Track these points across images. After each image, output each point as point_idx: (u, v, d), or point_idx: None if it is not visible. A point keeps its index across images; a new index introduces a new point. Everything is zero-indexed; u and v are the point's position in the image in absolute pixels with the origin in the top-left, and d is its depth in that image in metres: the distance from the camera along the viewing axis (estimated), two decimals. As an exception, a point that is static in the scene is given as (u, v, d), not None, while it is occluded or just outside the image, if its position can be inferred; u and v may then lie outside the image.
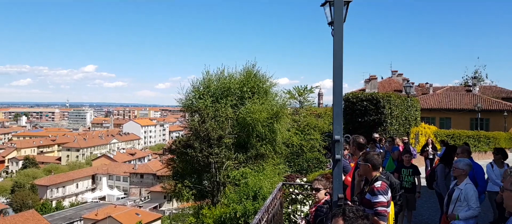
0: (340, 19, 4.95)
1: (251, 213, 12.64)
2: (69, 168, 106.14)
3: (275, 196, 7.88)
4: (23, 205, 72.36)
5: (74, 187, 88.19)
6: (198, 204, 21.27)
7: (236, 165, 20.10)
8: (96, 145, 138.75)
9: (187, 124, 23.59)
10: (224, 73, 22.47)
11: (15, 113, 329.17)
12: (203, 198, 21.07)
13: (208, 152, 19.78)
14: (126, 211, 61.64)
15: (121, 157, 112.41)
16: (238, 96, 21.69)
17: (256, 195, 13.78)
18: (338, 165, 4.96)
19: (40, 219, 57.19)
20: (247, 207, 13.07)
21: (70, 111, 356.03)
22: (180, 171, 21.80)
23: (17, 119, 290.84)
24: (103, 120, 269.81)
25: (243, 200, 13.74)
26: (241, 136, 20.79)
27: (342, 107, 6.05)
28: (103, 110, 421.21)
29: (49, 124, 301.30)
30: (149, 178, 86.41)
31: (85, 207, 75.15)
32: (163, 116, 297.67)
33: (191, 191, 20.54)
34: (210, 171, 20.33)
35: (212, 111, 20.67)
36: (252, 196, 13.83)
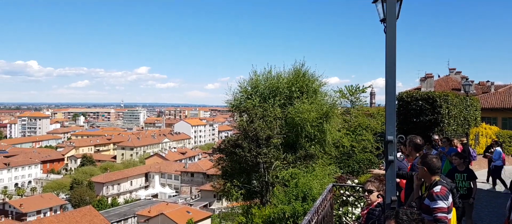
0: (393, 16, 4.82)
1: (300, 214, 12.60)
2: (123, 166, 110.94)
3: (325, 197, 7.79)
4: (81, 201, 76.66)
5: (128, 185, 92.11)
6: (247, 203, 21.48)
7: (284, 166, 20.09)
8: (149, 144, 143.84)
9: (235, 124, 23.91)
10: (271, 73, 22.54)
11: (73, 113, 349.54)
12: (252, 198, 21.25)
13: (257, 152, 19.91)
14: (177, 209, 63.46)
15: (172, 156, 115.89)
16: (286, 95, 21.66)
17: (305, 196, 13.72)
18: (391, 166, 4.83)
19: (96, 215, 60.34)
20: (296, 208, 13.05)
21: (125, 111, 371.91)
22: (229, 170, 22.14)
23: (76, 119, 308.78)
24: (156, 120, 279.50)
25: (292, 201, 13.72)
26: (289, 136, 20.75)
27: (396, 107, 5.87)
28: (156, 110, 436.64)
29: (105, 123, 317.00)
30: (199, 176, 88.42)
31: (139, 204, 78.17)
32: (213, 116, 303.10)
33: (240, 190, 20.79)
34: (258, 171, 20.47)
35: (260, 111, 20.79)
36: (302, 197, 13.78)
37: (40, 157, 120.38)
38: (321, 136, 20.87)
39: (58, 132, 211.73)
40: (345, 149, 23.81)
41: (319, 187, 14.31)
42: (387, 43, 4.80)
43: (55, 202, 76.38)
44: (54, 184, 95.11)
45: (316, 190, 13.73)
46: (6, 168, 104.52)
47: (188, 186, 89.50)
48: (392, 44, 4.78)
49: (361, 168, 23.64)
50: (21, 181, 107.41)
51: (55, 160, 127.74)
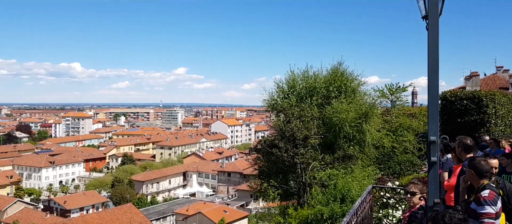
0: (436, 12, 4.70)
1: (338, 216, 12.48)
2: (162, 165, 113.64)
3: (364, 199, 7.70)
4: (122, 199, 79.24)
5: (167, 183, 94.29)
6: (284, 204, 21.48)
7: (322, 166, 19.93)
8: (186, 144, 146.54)
9: (272, 124, 23.97)
10: (309, 73, 22.41)
11: (115, 113, 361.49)
12: (289, 198, 21.23)
13: (294, 152, 19.88)
14: (215, 208, 64.32)
15: (209, 155, 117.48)
16: (324, 95, 21.47)
17: (344, 198, 13.57)
18: (434, 168, 4.72)
19: (136, 213, 62.19)
20: (334, 210, 12.93)
21: (163, 112, 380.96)
22: (265, 170, 22.21)
23: (117, 119, 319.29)
24: (193, 120, 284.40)
25: (330, 202, 13.61)
26: (327, 137, 20.57)
27: (439, 106, 5.72)
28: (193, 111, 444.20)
29: (145, 123, 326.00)
30: (236, 176, 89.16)
31: (177, 202, 79.84)
32: (249, 116, 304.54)
33: (277, 190, 20.82)
34: (295, 171, 20.42)
35: (297, 111, 20.73)
36: (340, 198, 13.64)
37: (83, 156, 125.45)
38: (360, 137, 20.54)
39: (100, 132, 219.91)
40: (385, 150, 23.29)
41: (358, 189, 14.11)
42: (429, 41, 4.69)
43: (97, 199, 79.34)
44: (96, 182, 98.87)
45: (355, 192, 13.55)
46: (51, 166, 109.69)
47: (225, 186, 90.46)
48: (435, 42, 4.67)
49: (402, 170, 23.06)
50: (65, 178, 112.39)
51: (97, 158, 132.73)
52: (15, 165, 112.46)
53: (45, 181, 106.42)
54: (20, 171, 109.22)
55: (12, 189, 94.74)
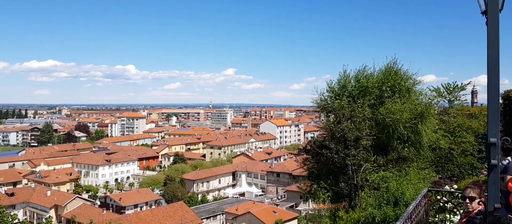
0: (496, 7, 4.51)
1: (391, 219, 12.20)
2: (212, 164, 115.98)
3: (419, 202, 7.50)
4: (174, 197, 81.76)
5: (216, 183, 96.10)
6: (334, 206, 21.24)
7: (375, 168, 19.50)
8: (235, 144, 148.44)
9: (322, 125, 23.77)
10: (362, 72, 21.99)
11: (166, 114, 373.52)
12: (340, 201, 20.96)
13: (345, 153, 19.60)
14: (264, 208, 64.73)
15: (258, 155, 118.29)
16: (377, 95, 20.99)
17: (397, 201, 13.23)
18: (494, 171, 4.53)
19: (187, 211, 63.98)
20: (387, 213, 12.65)
21: (213, 112, 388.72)
22: (315, 171, 22.06)
23: (169, 119, 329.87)
24: (242, 120, 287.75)
25: (382, 205, 13.32)
26: (380, 138, 20.09)
27: (500, 106, 5.47)
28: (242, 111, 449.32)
29: (195, 123, 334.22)
30: (285, 177, 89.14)
31: (227, 202, 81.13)
32: (298, 116, 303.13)
33: (327, 192, 20.62)
34: (346, 173, 20.13)
35: (348, 112, 20.44)
36: (393, 202, 13.31)
37: (137, 155, 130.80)
38: (416, 138, 19.88)
39: (153, 131, 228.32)
40: (442, 152, 22.37)
41: (413, 192, 13.69)
42: (489, 37, 4.52)
43: (150, 197, 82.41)
44: (149, 180, 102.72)
45: (410, 195, 13.16)
46: (107, 164, 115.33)
47: (274, 186, 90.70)
48: (495, 38, 4.49)
49: (461, 173, 22.04)
50: (121, 176, 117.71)
51: (150, 157, 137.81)
52: (74, 163, 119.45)
53: (101, 179, 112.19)
54: (78, 168, 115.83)
55: (72, 186, 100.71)
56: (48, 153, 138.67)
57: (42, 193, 76.05)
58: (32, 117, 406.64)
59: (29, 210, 74.31)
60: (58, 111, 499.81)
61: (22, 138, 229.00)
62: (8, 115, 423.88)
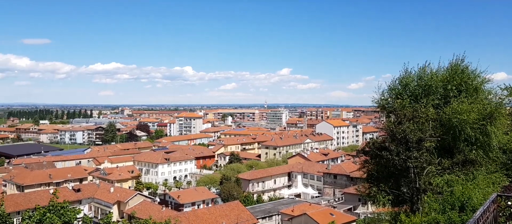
0: None
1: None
2: (267, 164, 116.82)
3: (487, 208, 7.26)
4: (230, 196, 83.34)
5: (272, 183, 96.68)
6: (395, 210, 20.76)
7: (439, 171, 18.82)
8: (291, 144, 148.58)
9: (382, 125, 23.29)
10: (425, 70, 21.28)
11: (222, 114, 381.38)
12: (401, 205, 20.45)
13: (406, 155, 19.08)
14: (320, 210, 64.20)
15: (314, 156, 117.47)
16: (441, 94, 20.23)
17: (463, 206, 12.76)
18: None
19: (243, 210, 64.95)
20: (452, 218, 12.25)
21: (268, 112, 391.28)
22: (375, 174, 21.66)
23: (224, 119, 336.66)
24: (297, 120, 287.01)
25: (447, 210, 12.90)
26: (445, 139, 19.35)
27: None
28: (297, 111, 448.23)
29: (250, 123, 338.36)
30: (342, 179, 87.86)
31: (282, 202, 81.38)
32: (356, 116, 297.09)
33: (388, 195, 20.19)
34: (408, 176, 19.58)
35: (410, 112, 19.88)
36: (459, 206, 12.86)
37: (194, 154, 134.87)
38: (484, 140, 18.94)
39: (209, 131, 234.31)
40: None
41: (481, 197, 13.11)
42: None
43: (207, 195, 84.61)
44: (206, 179, 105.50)
45: (477, 200, 12.63)
46: (166, 162, 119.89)
47: (331, 188, 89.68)
48: None
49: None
50: (179, 174, 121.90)
51: (207, 156, 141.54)
52: (135, 161, 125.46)
53: (161, 177, 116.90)
54: (139, 166, 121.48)
55: (133, 183, 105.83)
56: (111, 151, 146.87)
57: (106, 189, 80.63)
58: (96, 117, 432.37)
59: (94, 205, 79.10)
60: (121, 111, 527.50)
61: (88, 137, 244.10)
62: (75, 115, 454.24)
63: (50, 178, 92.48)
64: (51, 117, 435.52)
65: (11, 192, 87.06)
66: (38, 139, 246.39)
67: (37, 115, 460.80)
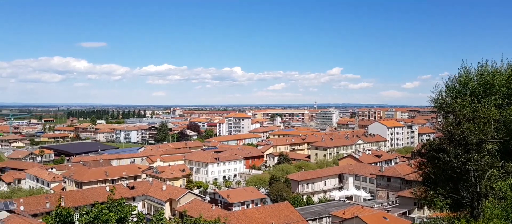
0: None
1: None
2: (317, 165, 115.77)
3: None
4: (279, 197, 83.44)
5: (322, 184, 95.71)
6: (453, 215, 20.02)
7: (502, 175, 17.93)
8: (342, 145, 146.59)
9: (439, 126, 22.50)
10: (486, 68, 20.33)
11: (271, 114, 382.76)
12: (460, 209, 19.72)
13: (465, 158, 18.35)
14: (373, 213, 62.69)
15: (366, 158, 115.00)
16: (505, 94, 19.25)
17: (530, 212, 12.09)
18: None
19: (293, 211, 64.80)
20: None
21: (318, 112, 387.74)
22: (432, 177, 21.00)
23: (273, 119, 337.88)
24: (348, 120, 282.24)
25: (510, 216, 12.29)
26: (509, 141, 18.40)
27: None
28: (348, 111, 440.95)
29: (300, 124, 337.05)
30: (396, 181, 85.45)
31: (333, 204, 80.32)
32: (411, 117, 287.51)
33: (446, 200, 19.52)
34: (468, 179, 18.82)
35: (469, 112, 19.07)
36: (525, 213, 12.19)
37: (243, 154, 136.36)
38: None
39: (258, 131, 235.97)
40: None
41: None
42: None
43: (256, 195, 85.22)
44: (255, 179, 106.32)
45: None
46: (216, 162, 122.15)
47: (384, 191, 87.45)
48: None
49: None
50: (228, 174, 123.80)
51: (256, 156, 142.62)
52: (186, 160, 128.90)
53: (211, 176, 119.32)
54: (190, 165, 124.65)
55: (184, 181, 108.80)
56: (163, 150, 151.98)
57: (158, 187, 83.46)
58: (149, 117, 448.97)
59: (147, 203, 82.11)
60: (172, 111, 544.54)
61: (141, 136, 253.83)
62: (130, 115, 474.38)
63: (106, 176, 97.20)
64: (107, 117, 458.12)
65: (70, 188, 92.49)
66: (95, 138, 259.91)
67: (94, 115, 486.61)
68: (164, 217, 23.79)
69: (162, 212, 72.20)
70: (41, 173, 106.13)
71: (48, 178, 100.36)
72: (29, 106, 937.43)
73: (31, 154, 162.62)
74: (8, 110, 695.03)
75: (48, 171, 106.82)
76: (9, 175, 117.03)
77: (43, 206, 66.83)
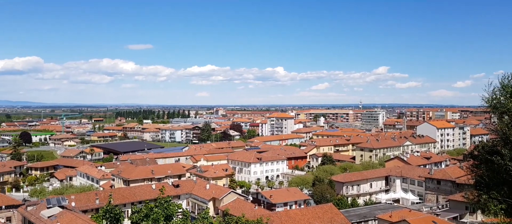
0: None
1: None
2: (362, 167, 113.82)
3: None
4: (322, 198, 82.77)
5: (367, 186, 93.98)
6: (508, 220, 19.10)
7: None
8: (388, 147, 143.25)
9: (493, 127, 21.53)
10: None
11: (314, 114, 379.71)
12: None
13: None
14: (421, 217, 60.86)
15: (415, 160, 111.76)
16: None
17: None
18: None
19: (337, 213, 64.01)
20: None
21: (363, 112, 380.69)
22: (485, 180, 20.12)
23: (316, 119, 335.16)
24: (396, 121, 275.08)
25: None
26: None
27: None
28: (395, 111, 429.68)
29: (344, 124, 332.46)
30: (447, 185, 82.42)
31: (379, 207, 78.62)
32: (463, 117, 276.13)
33: (500, 204, 18.65)
34: (525, 183, 17.90)
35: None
36: None
37: (286, 154, 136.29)
38: None
39: (301, 132, 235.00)
40: None
41: None
42: None
43: (299, 196, 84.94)
44: (298, 180, 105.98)
45: None
46: (258, 162, 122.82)
47: (433, 194, 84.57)
48: None
49: None
50: (270, 174, 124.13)
51: (299, 157, 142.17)
52: (229, 160, 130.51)
53: (253, 176, 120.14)
54: (233, 165, 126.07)
55: (227, 180, 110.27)
56: (207, 150, 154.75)
57: (202, 186, 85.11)
58: (193, 117, 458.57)
59: (191, 201, 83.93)
60: (215, 111, 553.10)
61: (186, 136, 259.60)
62: (174, 115, 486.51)
63: (152, 174, 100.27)
64: (153, 117, 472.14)
65: (118, 185, 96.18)
66: (142, 137, 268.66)
67: (141, 115, 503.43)
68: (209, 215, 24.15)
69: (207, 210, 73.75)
70: (91, 170, 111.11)
71: (98, 176, 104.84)
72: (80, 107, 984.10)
73: (82, 152, 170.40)
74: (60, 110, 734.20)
75: (97, 169, 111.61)
76: (62, 172, 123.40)
77: (93, 202, 69.83)
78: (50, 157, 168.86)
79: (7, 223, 69.68)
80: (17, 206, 70.18)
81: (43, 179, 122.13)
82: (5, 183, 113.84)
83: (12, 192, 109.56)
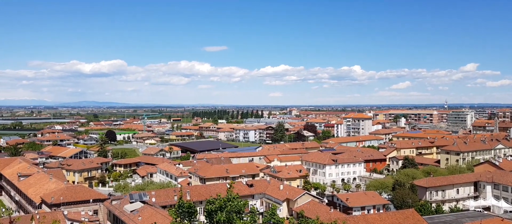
0: None
1: None
2: (448, 171, 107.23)
3: None
4: (403, 203, 78.88)
5: (454, 192, 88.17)
6: None
7: None
8: (477, 150, 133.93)
9: None
10: None
11: (394, 115, 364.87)
12: None
13: None
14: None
15: (508, 164, 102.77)
16: None
17: None
18: None
19: (419, 220, 60.50)
20: None
21: (449, 113, 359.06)
22: None
23: (396, 120, 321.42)
24: (486, 122, 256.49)
25: None
26: None
27: None
28: (486, 112, 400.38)
29: (427, 125, 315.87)
30: (547, 193, 74.67)
31: (467, 215, 73.25)
32: None
33: None
34: None
35: None
36: None
37: (363, 156, 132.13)
38: None
39: (379, 133, 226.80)
40: None
41: None
42: None
43: (377, 200, 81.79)
44: (376, 183, 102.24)
45: None
46: (334, 164, 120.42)
47: (532, 203, 77.12)
48: None
49: None
50: (347, 177, 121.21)
51: (377, 160, 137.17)
52: (303, 161, 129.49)
53: (328, 178, 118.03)
54: (307, 166, 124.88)
55: (301, 182, 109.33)
56: (280, 150, 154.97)
57: (275, 186, 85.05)
58: (267, 117, 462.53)
59: (265, 201, 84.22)
60: (289, 111, 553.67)
61: (259, 136, 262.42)
62: (248, 115, 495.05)
63: (227, 173, 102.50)
64: (228, 117, 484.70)
65: (195, 183, 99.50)
66: (217, 136, 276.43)
67: (216, 115, 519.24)
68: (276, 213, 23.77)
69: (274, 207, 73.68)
70: (170, 168, 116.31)
71: (176, 173, 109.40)
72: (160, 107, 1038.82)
73: (161, 150, 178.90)
74: (142, 110, 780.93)
75: (176, 167, 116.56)
76: (143, 169, 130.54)
77: (171, 198, 72.72)
78: (133, 154, 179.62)
79: (94, 215, 74.96)
80: (103, 200, 75.51)
81: (127, 175, 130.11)
82: (93, 178, 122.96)
83: (98, 187, 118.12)
